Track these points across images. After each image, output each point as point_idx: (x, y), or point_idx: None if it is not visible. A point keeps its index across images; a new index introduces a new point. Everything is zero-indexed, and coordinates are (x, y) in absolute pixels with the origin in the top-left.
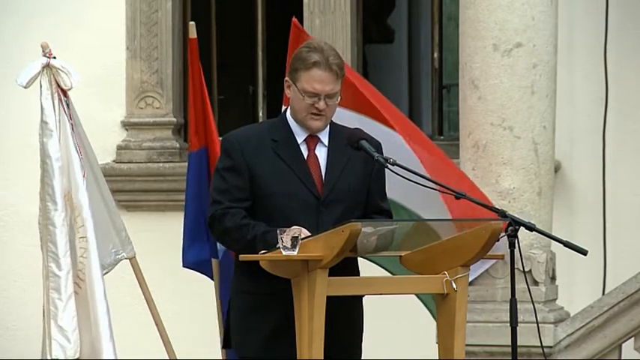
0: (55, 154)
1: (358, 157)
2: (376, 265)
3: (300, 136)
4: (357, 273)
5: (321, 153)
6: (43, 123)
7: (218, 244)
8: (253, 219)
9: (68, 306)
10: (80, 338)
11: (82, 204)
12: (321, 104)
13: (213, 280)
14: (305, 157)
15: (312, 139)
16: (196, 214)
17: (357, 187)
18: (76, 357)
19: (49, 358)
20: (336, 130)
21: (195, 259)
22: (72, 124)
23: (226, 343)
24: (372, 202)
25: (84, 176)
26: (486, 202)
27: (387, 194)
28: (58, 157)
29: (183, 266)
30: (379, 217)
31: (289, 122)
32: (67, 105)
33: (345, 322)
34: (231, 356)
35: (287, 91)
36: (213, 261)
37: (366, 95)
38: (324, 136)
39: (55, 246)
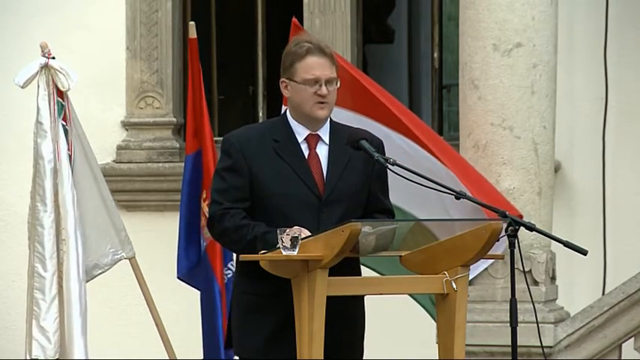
0: (47, 155)
1: (359, 157)
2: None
3: (301, 135)
4: (359, 273)
5: (322, 152)
6: (38, 123)
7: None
8: (254, 219)
9: (52, 307)
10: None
11: (67, 207)
12: (324, 90)
13: (200, 290)
14: (306, 156)
15: (313, 138)
16: (188, 219)
17: (357, 187)
18: (55, 357)
19: (28, 357)
20: (336, 128)
21: (188, 269)
22: (64, 125)
23: (228, 344)
24: (374, 201)
25: (70, 179)
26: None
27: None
28: (50, 158)
29: (178, 277)
30: (381, 216)
31: (290, 122)
32: (62, 106)
33: (345, 322)
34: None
35: (285, 92)
36: None
37: (377, 95)
38: (325, 135)
39: (42, 247)
